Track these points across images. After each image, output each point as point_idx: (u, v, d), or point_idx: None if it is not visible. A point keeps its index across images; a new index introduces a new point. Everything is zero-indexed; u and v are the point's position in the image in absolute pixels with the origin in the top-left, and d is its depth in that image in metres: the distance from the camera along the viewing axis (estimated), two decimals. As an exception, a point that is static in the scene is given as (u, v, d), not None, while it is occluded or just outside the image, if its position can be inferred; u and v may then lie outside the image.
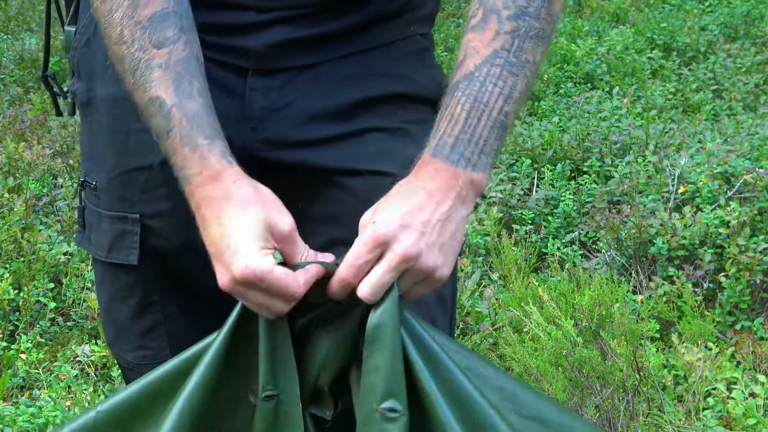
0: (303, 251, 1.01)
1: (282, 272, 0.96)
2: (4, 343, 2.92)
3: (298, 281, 0.97)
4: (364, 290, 0.97)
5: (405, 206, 0.99)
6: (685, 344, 2.72)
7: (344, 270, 0.97)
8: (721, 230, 3.16)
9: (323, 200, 1.20)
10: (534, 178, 4.21)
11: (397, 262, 0.97)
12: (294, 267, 0.98)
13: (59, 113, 1.43)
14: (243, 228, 0.97)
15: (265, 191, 1.02)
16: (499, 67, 1.05)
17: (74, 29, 1.26)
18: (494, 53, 1.05)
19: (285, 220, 1.00)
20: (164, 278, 1.24)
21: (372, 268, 0.98)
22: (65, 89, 1.36)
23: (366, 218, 1.01)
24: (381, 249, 0.97)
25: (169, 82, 1.03)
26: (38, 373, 2.84)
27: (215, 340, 0.99)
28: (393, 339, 0.95)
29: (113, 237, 1.23)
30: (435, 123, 1.06)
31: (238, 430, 1.02)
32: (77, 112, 1.32)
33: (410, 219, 0.98)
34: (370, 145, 1.16)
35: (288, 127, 1.18)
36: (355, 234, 1.01)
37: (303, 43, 1.16)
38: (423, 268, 0.99)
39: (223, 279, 0.98)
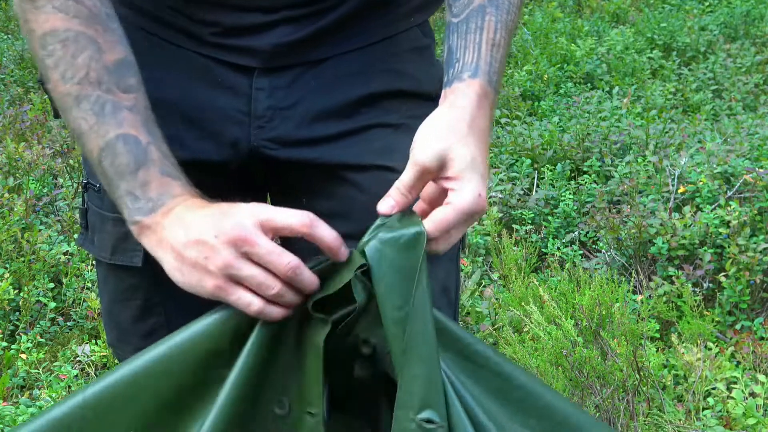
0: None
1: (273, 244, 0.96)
2: (4, 343, 2.92)
3: (290, 256, 0.96)
4: (442, 245, 0.98)
5: (484, 166, 1.00)
6: (685, 344, 2.72)
7: (435, 232, 0.97)
8: (721, 230, 3.17)
9: (330, 196, 1.20)
10: (534, 178, 4.21)
11: (476, 221, 1.00)
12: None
13: (57, 115, 1.43)
14: (232, 211, 0.98)
15: None
16: None
17: None
18: None
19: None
20: (167, 281, 1.24)
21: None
22: None
23: (430, 161, 1.00)
24: (473, 220, 0.99)
25: (140, 124, 1.04)
26: (38, 373, 2.84)
27: (242, 354, 0.96)
28: (431, 347, 0.94)
29: (117, 239, 1.23)
30: (470, 42, 1.06)
31: None
32: None
33: (486, 178, 1.01)
34: (376, 140, 1.17)
35: (295, 125, 1.18)
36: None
37: (309, 40, 1.17)
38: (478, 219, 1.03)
39: (232, 231, 0.95)
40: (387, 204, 1.00)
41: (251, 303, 0.96)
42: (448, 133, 1.01)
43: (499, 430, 0.98)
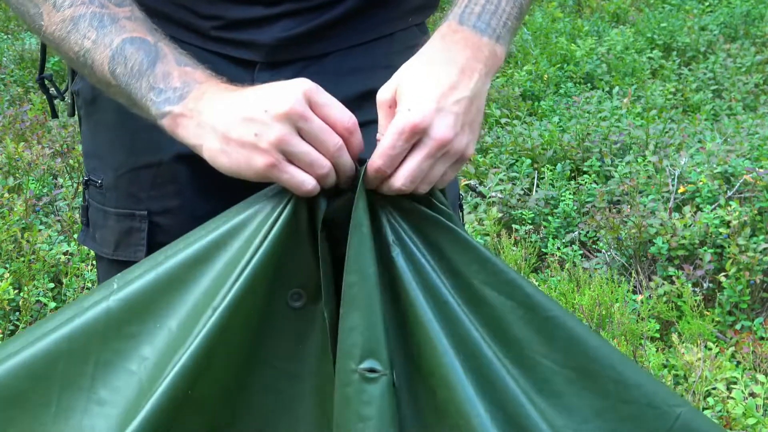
0: None
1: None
2: (4, 343, 2.92)
3: (350, 114, 0.95)
4: (399, 180, 0.95)
5: (438, 87, 0.98)
6: (685, 344, 2.72)
7: (379, 159, 0.95)
8: (721, 230, 3.17)
9: None
10: (534, 178, 4.21)
11: (436, 149, 0.96)
12: None
13: (55, 115, 1.42)
14: (279, 85, 0.96)
15: None
16: None
17: None
18: None
19: None
20: None
21: (407, 156, 0.96)
22: (62, 90, 1.36)
23: (386, 94, 0.99)
24: (418, 137, 0.96)
25: (143, 28, 1.04)
26: (38, 373, 2.84)
27: (262, 243, 0.94)
28: (369, 297, 0.92)
29: (120, 234, 1.23)
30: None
31: (278, 335, 0.99)
32: (77, 112, 1.32)
33: (444, 102, 0.97)
34: (376, 135, 1.18)
35: None
36: None
37: (311, 34, 1.17)
38: (456, 150, 0.98)
39: (283, 105, 0.93)
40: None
41: (304, 181, 0.94)
42: (403, 69, 1.01)
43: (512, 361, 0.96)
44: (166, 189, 1.20)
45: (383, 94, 1.00)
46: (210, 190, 1.08)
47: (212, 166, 0.98)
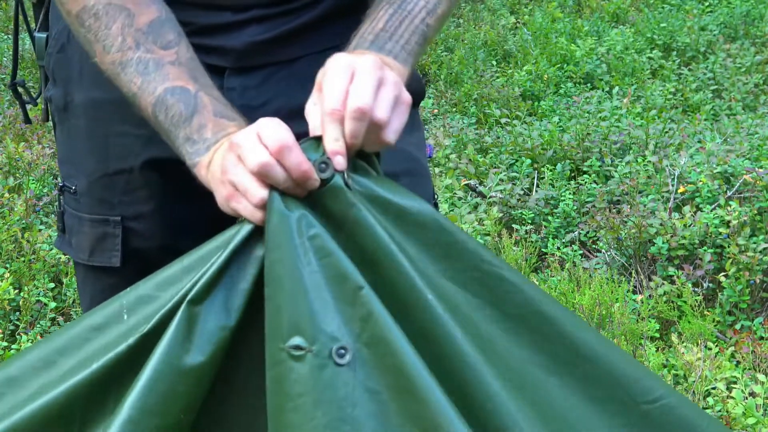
0: None
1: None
2: (5, 343, 2.92)
3: (281, 133, 0.97)
4: (381, 113, 0.97)
5: (348, 59, 1.01)
6: (684, 344, 2.72)
7: (361, 99, 0.96)
8: (721, 230, 3.17)
9: None
10: (534, 178, 4.21)
11: (398, 85, 0.99)
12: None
13: (28, 121, 1.45)
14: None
15: None
16: None
17: (45, 36, 1.28)
18: None
19: None
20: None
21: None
22: (35, 96, 1.38)
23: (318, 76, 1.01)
24: (382, 71, 0.99)
25: (186, 75, 1.07)
26: (38, 372, 2.83)
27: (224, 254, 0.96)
28: (291, 273, 0.92)
29: (95, 240, 1.24)
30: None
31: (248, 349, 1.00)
32: (50, 118, 1.33)
33: (351, 61, 1.01)
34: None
35: None
36: None
37: (281, 39, 1.18)
38: (407, 96, 1.01)
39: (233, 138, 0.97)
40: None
41: (253, 213, 0.96)
42: (331, 60, 1.03)
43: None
44: (138, 194, 1.21)
45: (318, 77, 1.02)
46: (182, 195, 1.10)
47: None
